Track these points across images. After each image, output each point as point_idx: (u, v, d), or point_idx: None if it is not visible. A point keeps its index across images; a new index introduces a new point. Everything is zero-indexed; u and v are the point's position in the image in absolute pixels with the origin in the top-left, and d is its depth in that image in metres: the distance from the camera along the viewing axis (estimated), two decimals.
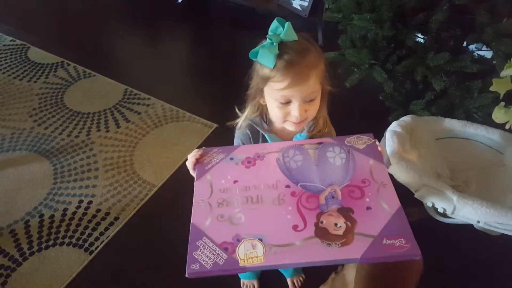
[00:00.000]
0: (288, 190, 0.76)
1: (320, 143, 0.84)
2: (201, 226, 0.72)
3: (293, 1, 2.65)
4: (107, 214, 1.62)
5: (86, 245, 1.51)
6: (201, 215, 0.74)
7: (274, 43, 0.76)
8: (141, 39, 2.81)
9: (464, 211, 1.02)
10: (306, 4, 2.60)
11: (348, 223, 0.70)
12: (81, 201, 1.67)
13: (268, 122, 0.91)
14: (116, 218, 1.61)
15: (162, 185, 1.74)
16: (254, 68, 0.83)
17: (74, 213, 1.62)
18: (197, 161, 0.83)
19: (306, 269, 1.45)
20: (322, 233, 0.68)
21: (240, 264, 0.66)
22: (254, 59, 0.80)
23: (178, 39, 2.86)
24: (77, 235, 1.55)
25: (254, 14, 2.92)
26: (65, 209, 1.63)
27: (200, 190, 0.79)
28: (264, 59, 0.76)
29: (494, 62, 1.49)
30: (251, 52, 0.78)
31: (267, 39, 0.77)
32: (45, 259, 1.47)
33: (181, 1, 3.08)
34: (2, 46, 2.54)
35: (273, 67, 0.76)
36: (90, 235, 1.55)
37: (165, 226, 1.60)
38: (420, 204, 1.18)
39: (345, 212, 0.71)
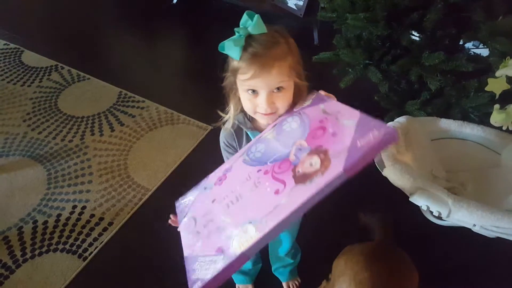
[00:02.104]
0: (260, 173, 0.75)
1: (274, 125, 0.85)
2: (193, 252, 0.72)
3: (288, 1, 2.63)
4: (101, 219, 1.61)
5: (80, 251, 1.50)
6: (191, 244, 0.74)
7: (242, 35, 0.77)
8: (135, 41, 2.79)
9: (459, 214, 1.01)
10: (301, 3, 2.58)
11: (321, 154, 0.68)
12: (75, 207, 1.65)
13: (251, 119, 0.91)
14: (110, 223, 1.59)
15: (156, 189, 1.73)
16: (227, 60, 0.84)
17: (68, 218, 1.61)
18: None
19: (302, 273, 1.43)
20: (302, 178, 0.67)
21: (238, 253, 0.64)
22: (222, 52, 0.81)
23: (173, 41, 2.84)
24: (70, 241, 1.53)
25: None
26: (59, 215, 1.62)
27: (185, 229, 0.80)
28: (230, 51, 0.78)
29: (490, 60, 1.47)
30: (219, 45, 0.79)
31: (235, 32, 0.78)
32: (39, 266, 1.45)
33: (176, 2, 3.06)
34: None
35: (240, 59, 0.78)
36: (84, 241, 1.53)
37: (159, 231, 1.58)
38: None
39: (315, 150, 0.70)
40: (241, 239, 0.65)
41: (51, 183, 1.74)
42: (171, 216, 0.88)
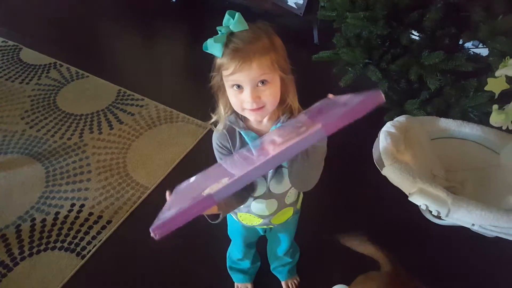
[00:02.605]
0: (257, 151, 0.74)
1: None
2: (168, 208, 0.72)
3: (288, 0, 2.62)
4: (100, 217, 1.60)
5: (78, 249, 1.49)
6: (169, 204, 0.76)
7: (223, 33, 0.78)
8: (134, 39, 2.78)
9: (458, 214, 1.00)
10: (301, 2, 2.57)
11: (310, 123, 0.67)
12: (73, 205, 1.65)
13: (244, 118, 0.90)
14: (109, 222, 1.59)
15: (155, 187, 1.72)
16: (214, 61, 0.84)
17: (66, 216, 1.60)
18: None
19: (301, 272, 1.43)
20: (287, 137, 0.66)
21: (204, 194, 0.62)
22: (206, 51, 0.81)
23: (172, 39, 2.83)
24: (69, 239, 1.53)
25: (249, 13, 2.90)
26: (57, 213, 1.61)
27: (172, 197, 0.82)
28: (212, 49, 0.79)
29: (490, 59, 1.47)
30: (203, 45, 0.80)
31: (217, 31, 0.80)
32: (37, 264, 1.45)
33: (176, 1, 3.05)
34: None
35: (222, 56, 0.79)
36: (82, 239, 1.53)
37: None
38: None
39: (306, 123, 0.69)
40: (213, 186, 0.64)
41: (50, 181, 1.74)
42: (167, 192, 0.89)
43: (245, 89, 0.80)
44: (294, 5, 2.61)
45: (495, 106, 1.18)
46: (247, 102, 0.81)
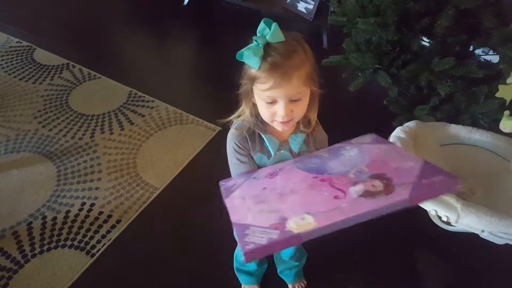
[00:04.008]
0: (316, 179, 0.76)
1: (328, 149, 0.87)
2: (244, 221, 0.71)
3: (298, 4, 2.64)
4: (109, 216, 1.62)
5: (88, 247, 1.51)
6: (240, 214, 0.73)
7: (260, 45, 0.77)
8: (146, 41, 2.82)
9: (468, 219, 1.00)
10: (311, 7, 2.59)
11: (384, 181, 0.70)
12: (83, 203, 1.67)
13: (263, 122, 0.91)
14: (118, 221, 1.61)
15: (164, 188, 1.74)
16: (244, 67, 0.84)
17: (77, 215, 1.62)
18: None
19: (307, 275, 1.44)
20: (364, 194, 0.68)
21: (294, 232, 0.64)
22: (240, 60, 0.80)
23: (183, 42, 2.86)
24: (79, 237, 1.55)
25: (259, 17, 2.91)
26: (68, 211, 1.64)
27: (233, 203, 0.79)
28: (249, 60, 0.78)
29: (501, 66, 1.47)
30: (238, 53, 0.79)
31: (253, 40, 0.78)
32: (47, 262, 1.47)
33: (187, 4, 3.08)
34: (9, 48, 2.56)
35: (258, 68, 0.77)
36: (92, 237, 1.55)
37: (167, 230, 1.60)
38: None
39: (378, 176, 0.72)
40: (298, 222, 0.66)
41: (61, 180, 1.76)
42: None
43: (279, 103, 0.80)
44: (304, 10, 2.63)
45: (506, 112, 1.18)
46: (280, 115, 0.81)
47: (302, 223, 0.65)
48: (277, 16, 2.73)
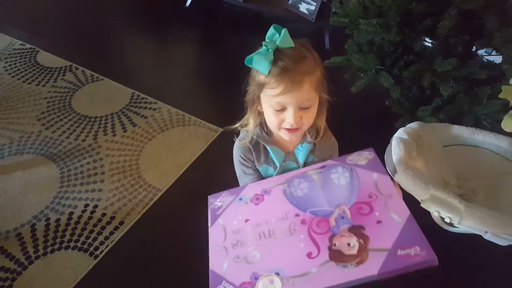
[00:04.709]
0: (298, 218, 0.77)
1: (323, 166, 0.86)
2: (219, 271, 0.73)
3: (300, 5, 2.64)
4: (112, 218, 1.63)
5: (91, 249, 1.52)
6: (218, 260, 0.76)
7: (270, 50, 0.76)
8: (148, 43, 2.82)
9: (471, 221, 1.00)
10: (313, 8, 2.59)
11: (361, 240, 0.69)
12: (87, 205, 1.67)
13: (269, 133, 0.90)
14: (121, 223, 1.61)
15: (167, 189, 1.74)
16: (251, 74, 0.83)
17: (80, 217, 1.63)
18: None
19: None
20: (336, 256, 0.69)
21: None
22: (249, 66, 0.79)
23: (185, 43, 2.87)
24: (82, 239, 1.55)
25: (261, 18, 2.92)
26: (71, 213, 1.64)
27: (214, 236, 0.81)
28: (258, 65, 0.77)
29: (504, 67, 1.47)
30: (246, 58, 0.78)
31: (263, 45, 0.77)
32: (50, 263, 1.47)
33: (189, 5, 3.09)
34: (12, 50, 2.58)
35: (268, 74, 0.76)
36: (95, 239, 1.55)
37: (170, 231, 1.60)
38: None
39: (356, 230, 0.71)
40: (265, 287, 0.68)
41: (64, 182, 1.77)
42: None
43: (289, 110, 0.79)
44: (306, 11, 2.63)
45: (510, 112, 1.17)
46: (288, 122, 0.80)
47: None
48: (279, 18, 2.73)
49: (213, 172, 1.73)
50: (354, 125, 2.00)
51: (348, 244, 0.69)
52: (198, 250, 1.52)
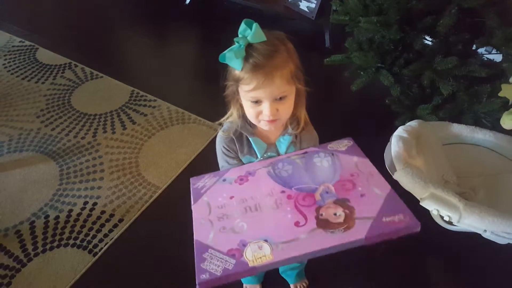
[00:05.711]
0: (283, 194, 0.78)
1: (305, 152, 0.88)
2: (205, 240, 0.73)
3: (300, 3, 2.63)
4: (112, 215, 1.63)
5: (90, 246, 1.52)
6: (203, 231, 0.75)
7: (241, 46, 0.77)
8: (148, 40, 2.82)
9: (470, 219, 1.00)
10: (313, 6, 2.59)
11: (347, 211, 0.72)
12: (86, 203, 1.67)
13: (252, 124, 0.91)
14: (121, 220, 1.61)
15: (167, 187, 1.74)
16: (228, 68, 0.84)
17: (79, 214, 1.63)
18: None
19: (309, 275, 1.44)
20: (324, 224, 0.70)
21: (249, 265, 0.66)
22: (223, 62, 0.80)
23: (185, 41, 2.86)
24: (81, 236, 1.55)
25: (261, 16, 2.91)
26: (70, 210, 1.64)
27: (198, 211, 0.81)
28: (231, 62, 0.78)
29: (504, 65, 1.46)
30: (220, 55, 0.79)
31: (235, 42, 0.78)
32: (49, 260, 1.47)
33: (189, 3, 3.08)
34: (11, 47, 2.57)
35: (241, 70, 0.78)
36: (94, 236, 1.55)
37: (169, 228, 1.60)
38: None
39: (342, 202, 0.74)
40: (255, 253, 0.68)
41: (63, 179, 1.77)
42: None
43: (264, 103, 0.80)
44: (306, 9, 2.62)
45: (510, 110, 1.17)
46: (265, 114, 0.81)
47: (258, 254, 0.67)
48: (279, 15, 2.73)
49: (213, 170, 1.72)
50: (354, 123, 2.00)
51: (335, 214, 0.72)
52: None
